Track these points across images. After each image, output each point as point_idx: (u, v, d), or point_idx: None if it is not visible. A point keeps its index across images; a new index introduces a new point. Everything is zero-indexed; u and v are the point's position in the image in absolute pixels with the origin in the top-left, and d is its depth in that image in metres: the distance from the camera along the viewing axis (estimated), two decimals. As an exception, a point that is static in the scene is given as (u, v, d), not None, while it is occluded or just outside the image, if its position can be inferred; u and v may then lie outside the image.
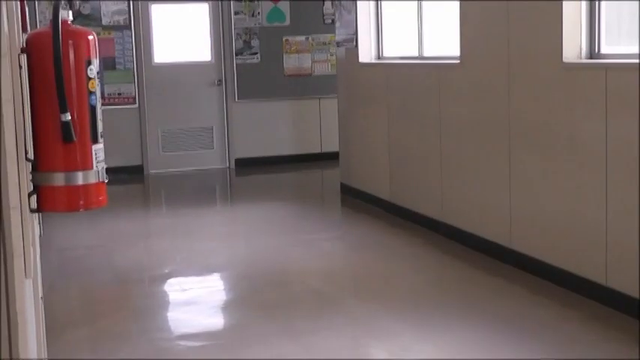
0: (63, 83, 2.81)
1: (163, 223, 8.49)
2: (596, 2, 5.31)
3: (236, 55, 11.22)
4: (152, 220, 8.81)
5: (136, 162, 10.96)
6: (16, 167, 2.41)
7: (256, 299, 5.70)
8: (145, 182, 10.78)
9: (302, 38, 11.39)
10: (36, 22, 10.12)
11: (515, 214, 6.00)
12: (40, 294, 3.46)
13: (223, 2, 11.16)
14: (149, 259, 7.00)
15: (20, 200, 2.48)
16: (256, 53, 11.27)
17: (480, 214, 6.47)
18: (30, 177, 2.88)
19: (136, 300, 5.88)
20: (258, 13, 11.28)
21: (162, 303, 5.88)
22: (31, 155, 2.79)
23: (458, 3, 6.61)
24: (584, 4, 5.33)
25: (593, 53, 5.36)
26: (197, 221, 8.31)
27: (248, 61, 11.25)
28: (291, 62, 11.42)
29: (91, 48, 2.98)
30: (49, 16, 10.21)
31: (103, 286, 6.20)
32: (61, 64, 2.80)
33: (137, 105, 10.92)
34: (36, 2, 10.28)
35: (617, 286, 4.97)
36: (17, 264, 2.37)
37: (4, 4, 2.34)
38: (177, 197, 10.00)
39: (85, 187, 3.00)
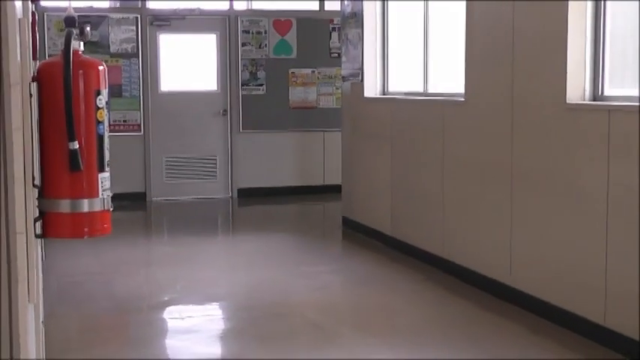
0: (72, 112, 2.85)
1: (164, 251, 8.50)
2: (601, 44, 5.36)
3: (242, 85, 11.29)
4: (153, 247, 8.82)
5: (139, 189, 11.00)
6: (24, 193, 2.44)
7: (255, 330, 5.71)
8: (147, 209, 10.81)
9: (308, 71, 11.48)
10: (45, 49, 10.20)
11: (516, 253, 6.01)
12: (41, 318, 3.48)
13: (231, 33, 11.26)
14: (149, 287, 7.01)
15: (26, 226, 2.51)
16: (262, 85, 11.35)
17: (480, 251, 6.49)
18: (36, 203, 2.92)
19: (135, 328, 5.88)
20: (265, 45, 11.37)
21: (161, 331, 5.88)
22: (37, 182, 2.83)
23: (464, 40, 6.67)
24: (588, 47, 5.39)
25: (596, 95, 5.40)
26: (198, 250, 8.32)
27: (253, 93, 11.33)
28: (297, 95, 11.49)
29: (101, 78, 3.03)
30: (59, 44, 10.31)
31: (102, 313, 6.20)
32: (71, 93, 2.84)
33: (142, 132, 10.98)
34: (45, 30, 10.37)
35: (616, 327, 4.97)
36: (21, 289, 2.40)
37: (17, 33, 2.38)
38: (179, 225, 10.02)
39: (90, 214, 3.04)
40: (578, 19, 5.36)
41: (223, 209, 11.09)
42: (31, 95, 2.66)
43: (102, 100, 3.01)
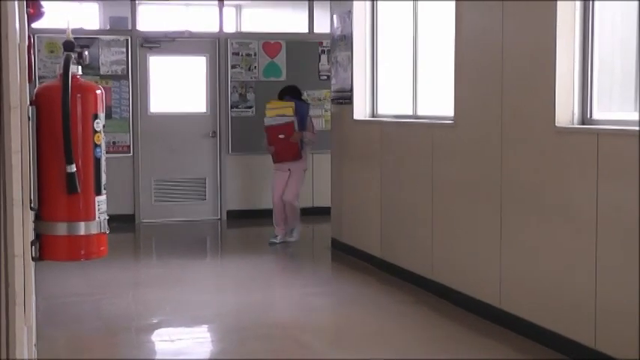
0: (70, 136, 2.87)
1: (153, 273, 8.49)
2: (589, 68, 5.42)
3: (231, 107, 11.32)
4: (142, 269, 8.80)
5: (128, 211, 10.97)
6: (22, 216, 2.45)
7: (244, 352, 5.70)
8: (135, 231, 10.79)
9: (297, 93, 11.49)
10: (36, 71, 10.20)
11: (505, 275, 6.04)
12: (34, 341, 3.48)
13: (220, 55, 11.30)
14: (138, 309, 7.00)
15: (23, 249, 2.52)
16: (251, 107, 11.38)
17: (470, 273, 6.51)
18: (33, 226, 2.93)
19: (125, 350, 5.86)
20: (255, 67, 11.41)
21: (150, 353, 5.87)
22: (34, 204, 2.84)
23: (453, 63, 6.72)
24: (577, 70, 5.44)
25: (585, 118, 5.45)
26: (187, 272, 8.31)
27: (243, 115, 11.34)
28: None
29: (99, 102, 3.05)
30: (49, 65, 10.32)
31: (91, 335, 6.18)
32: (69, 117, 2.86)
33: (131, 154, 10.98)
34: (36, 51, 10.38)
35: (606, 350, 4.99)
36: (18, 311, 2.41)
37: (16, 57, 2.40)
38: (168, 247, 10.00)
39: (87, 237, 3.05)
40: (567, 43, 5.42)
41: (212, 231, 11.08)
42: (29, 118, 2.68)
43: (99, 123, 3.04)
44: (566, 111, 5.45)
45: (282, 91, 9.67)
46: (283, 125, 9.35)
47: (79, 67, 3.05)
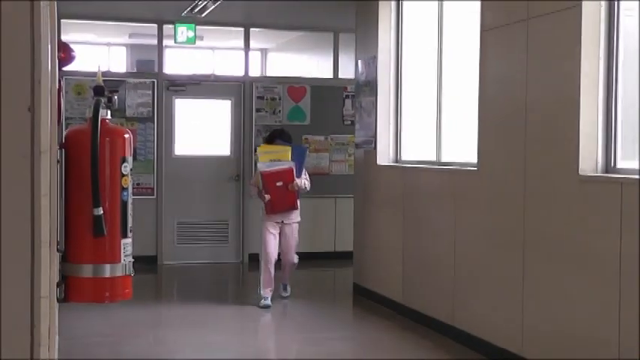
0: (98, 179, 2.91)
1: (174, 315, 8.49)
2: (613, 117, 5.43)
3: (255, 151, 11.36)
4: (163, 311, 8.80)
5: (151, 252, 11.01)
6: (49, 258, 2.48)
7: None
8: (158, 273, 10.81)
9: (321, 138, 11.57)
10: (63, 113, 10.32)
11: (526, 323, 6.00)
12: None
13: (245, 99, 11.39)
14: (159, 351, 6.99)
15: (49, 290, 2.54)
16: (275, 151, 11.42)
17: (491, 321, 6.47)
18: (58, 267, 2.96)
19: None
20: (279, 111, 11.49)
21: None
22: (61, 246, 2.88)
23: (477, 111, 6.75)
24: (600, 119, 5.45)
25: (609, 167, 5.44)
26: (208, 314, 8.31)
27: (267, 158, 11.39)
28: (309, 161, 11.51)
29: (127, 146, 3.10)
30: (77, 107, 10.44)
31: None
32: (97, 160, 2.91)
33: (155, 196, 11.05)
34: (63, 93, 10.51)
35: (629, 402, 4.94)
36: (42, 352, 2.43)
37: (48, 103, 2.45)
38: (190, 289, 10.00)
39: (112, 279, 3.08)
40: (591, 91, 5.44)
41: (234, 274, 11.08)
42: (58, 161, 2.72)
43: (127, 167, 3.08)
44: (589, 159, 5.45)
45: (272, 135, 8.92)
46: (281, 172, 8.44)
47: (108, 112, 3.11)
